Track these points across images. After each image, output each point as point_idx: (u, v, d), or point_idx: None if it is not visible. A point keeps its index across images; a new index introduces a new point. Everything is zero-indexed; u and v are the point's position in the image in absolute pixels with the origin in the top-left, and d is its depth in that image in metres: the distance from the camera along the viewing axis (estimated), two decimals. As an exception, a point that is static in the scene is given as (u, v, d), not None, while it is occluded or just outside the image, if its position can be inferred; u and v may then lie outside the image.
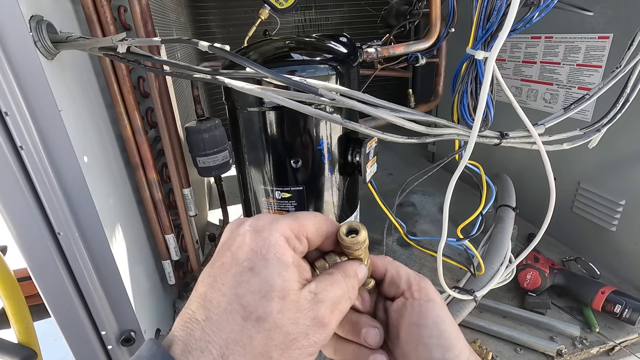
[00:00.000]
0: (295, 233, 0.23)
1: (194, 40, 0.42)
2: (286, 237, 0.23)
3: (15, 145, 0.34)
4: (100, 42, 0.44)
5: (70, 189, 0.37)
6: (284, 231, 0.23)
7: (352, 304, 0.25)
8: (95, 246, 0.40)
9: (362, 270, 0.26)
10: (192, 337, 0.20)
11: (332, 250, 0.27)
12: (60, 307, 0.41)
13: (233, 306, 0.21)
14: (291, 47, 0.55)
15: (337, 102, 0.41)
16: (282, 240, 0.22)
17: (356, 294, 0.25)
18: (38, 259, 0.38)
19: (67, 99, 0.45)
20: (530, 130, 0.53)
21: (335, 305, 0.23)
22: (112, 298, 0.44)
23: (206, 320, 0.20)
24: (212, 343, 0.20)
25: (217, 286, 0.21)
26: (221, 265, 0.22)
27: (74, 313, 0.41)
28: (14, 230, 0.36)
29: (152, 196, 0.67)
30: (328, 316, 0.22)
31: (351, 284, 0.25)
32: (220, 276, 0.22)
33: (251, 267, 0.21)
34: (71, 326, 0.42)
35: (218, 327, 0.20)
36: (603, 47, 0.82)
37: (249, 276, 0.21)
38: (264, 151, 0.56)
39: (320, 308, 0.22)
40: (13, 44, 0.33)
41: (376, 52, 0.63)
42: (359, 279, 0.26)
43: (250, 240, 0.22)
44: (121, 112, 0.60)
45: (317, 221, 0.25)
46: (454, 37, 0.84)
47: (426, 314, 0.25)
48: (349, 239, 0.25)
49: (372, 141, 0.58)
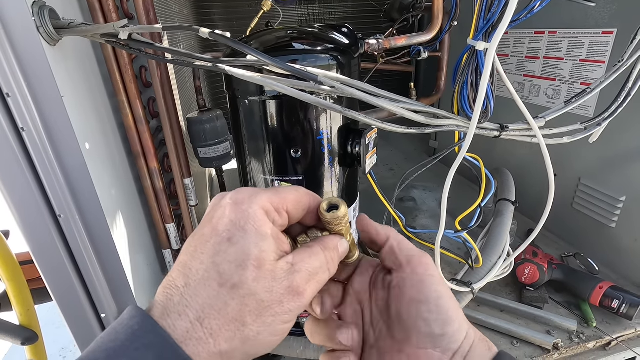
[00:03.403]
0: (275, 206, 0.24)
1: (195, 27, 0.42)
2: (266, 209, 0.24)
3: (17, 127, 0.34)
4: (102, 29, 0.44)
5: (71, 172, 0.37)
6: (263, 204, 0.23)
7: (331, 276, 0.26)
8: (95, 229, 0.41)
9: (343, 244, 0.27)
10: (171, 301, 0.21)
11: (314, 225, 0.27)
12: (61, 288, 0.41)
13: (210, 274, 0.22)
14: (292, 37, 0.55)
15: (337, 90, 0.41)
16: (261, 213, 0.23)
17: (335, 267, 0.26)
18: (39, 241, 0.38)
19: (69, 85, 0.45)
20: (531, 122, 0.53)
21: (312, 275, 0.24)
22: (112, 281, 0.45)
23: (185, 287, 0.22)
24: (190, 307, 0.21)
25: (196, 255, 0.22)
26: (201, 236, 0.23)
27: (74, 295, 0.42)
28: (15, 210, 0.36)
29: (154, 185, 0.68)
30: (303, 285, 0.23)
31: (330, 256, 0.25)
32: (200, 246, 0.23)
33: (229, 237, 0.22)
34: (72, 308, 0.43)
35: (195, 293, 0.21)
36: (607, 43, 0.82)
37: (226, 246, 0.22)
38: (264, 141, 0.57)
39: (296, 277, 0.23)
40: (15, 27, 0.33)
41: (377, 44, 0.62)
42: (339, 252, 0.26)
43: (230, 212, 0.23)
44: (123, 101, 0.60)
45: (298, 195, 0.26)
46: (456, 32, 0.83)
47: (425, 289, 0.25)
48: (329, 214, 0.25)
49: (372, 132, 0.58)
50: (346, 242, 0.27)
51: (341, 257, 0.27)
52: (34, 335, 0.49)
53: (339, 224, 0.26)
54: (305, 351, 0.64)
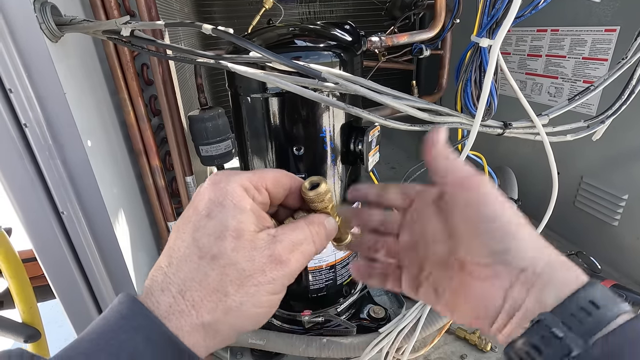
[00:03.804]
0: (254, 184, 0.25)
1: (197, 23, 0.42)
2: (244, 187, 0.24)
3: (20, 123, 0.34)
4: (103, 25, 0.44)
5: (73, 168, 0.37)
6: (241, 182, 0.24)
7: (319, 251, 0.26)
8: (98, 226, 0.41)
9: (330, 221, 0.27)
10: (155, 281, 0.22)
11: (299, 208, 0.28)
12: (64, 285, 0.41)
13: (191, 249, 0.22)
14: (295, 34, 0.55)
15: (340, 87, 0.41)
16: (240, 189, 0.24)
17: (323, 243, 0.26)
18: (42, 237, 0.38)
19: (71, 82, 0.45)
20: (534, 120, 0.52)
21: (296, 245, 0.24)
22: (115, 278, 0.44)
23: (168, 266, 0.22)
24: (172, 283, 0.22)
25: (179, 235, 0.23)
26: (183, 217, 0.24)
27: (77, 292, 0.42)
28: (17, 207, 0.36)
29: (155, 183, 0.68)
30: (286, 254, 0.23)
31: (315, 230, 0.25)
32: (182, 226, 0.23)
33: (208, 213, 0.23)
34: (74, 305, 0.43)
35: (177, 269, 0.22)
36: (609, 40, 0.81)
37: (205, 221, 0.23)
38: (266, 138, 0.56)
39: (278, 246, 0.23)
40: (18, 23, 0.33)
41: (380, 41, 0.62)
42: (327, 229, 0.26)
43: (209, 192, 0.23)
44: (125, 99, 0.60)
45: (277, 174, 0.26)
46: (459, 30, 0.83)
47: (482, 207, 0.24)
48: (311, 192, 0.26)
49: (375, 130, 0.58)
50: (333, 220, 0.27)
51: (330, 234, 0.27)
52: (36, 333, 0.49)
53: (322, 201, 0.26)
54: (308, 349, 0.64)
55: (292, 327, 0.71)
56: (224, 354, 0.70)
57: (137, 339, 0.20)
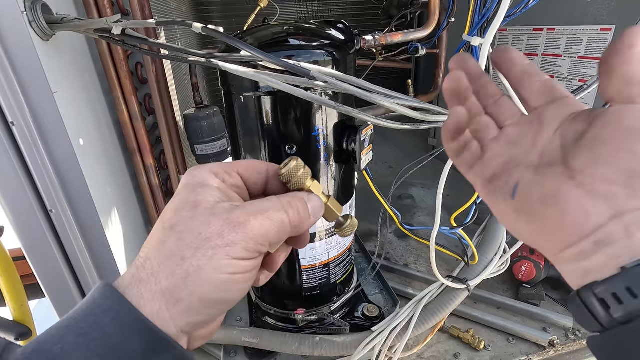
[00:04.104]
0: (224, 169, 0.26)
1: (188, 22, 0.42)
2: (213, 171, 0.25)
3: (7, 121, 0.34)
4: (95, 24, 0.44)
5: (61, 166, 0.37)
6: (211, 168, 0.25)
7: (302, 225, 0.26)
8: (87, 224, 0.41)
9: (313, 198, 0.27)
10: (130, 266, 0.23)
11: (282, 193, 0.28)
12: (54, 284, 0.41)
13: (157, 225, 0.24)
14: (288, 33, 0.55)
15: (330, 85, 0.41)
16: (208, 172, 0.25)
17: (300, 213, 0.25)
18: (31, 236, 0.38)
19: (63, 81, 0.45)
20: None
21: (260, 211, 0.24)
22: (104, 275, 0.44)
23: (142, 249, 0.23)
24: (139, 258, 0.23)
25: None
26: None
27: (67, 290, 0.42)
28: (5, 205, 0.36)
29: (150, 182, 0.68)
30: (245, 216, 0.23)
31: (287, 200, 0.25)
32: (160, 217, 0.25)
33: (176, 194, 0.24)
34: (64, 304, 0.43)
35: (145, 246, 0.23)
36: (605, 39, 0.81)
37: (172, 201, 0.24)
38: (259, 137, 0.56)
39: (237, 211, 0.23)
40: (5, 21, 0.33)
41: (374, 40, 0.62)
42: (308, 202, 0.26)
43: (183, 179, 0.25)
44: (118, 97, 0.60)
45: (250, 161, 0.28)
46: (455, 29, 0.83)
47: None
48: (283, 169, 0.26)
49: (368, 129, 0.58)
50: (316, 196, 0.27)
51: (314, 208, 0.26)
52: (27, 331, 0.49)
53: (297, 178, 0.27)
54: (301, 347, 0.64)
55: (286, 326, 0.71)
56: (217, 352, 0.70)
57: (105, 320, 0.20)
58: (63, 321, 0.21)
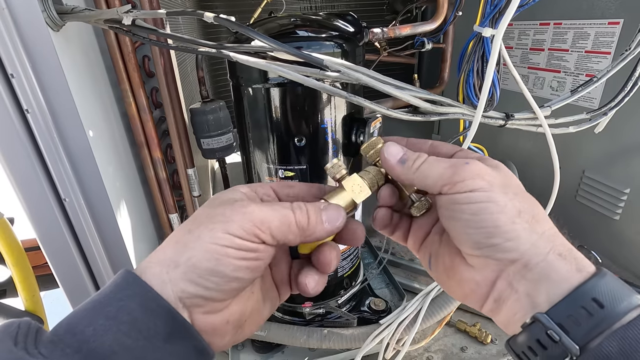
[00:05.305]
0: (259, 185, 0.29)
1: (199, 11, 0.42)
2: (248, 185, 0.28)
3: (22, 108, 0.34)
4: (105, 14, 0.44)
5: (75, 155, 0.37)
6: (242, 189, 0.28)
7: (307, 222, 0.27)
8: (100, 213, 0.41)
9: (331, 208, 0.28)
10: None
11: None
12: (67, 273, 0.41)
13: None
14: (296, 24, 0.55)
15: (342, 75, 0.41)
16: (242, 185, 0.28)
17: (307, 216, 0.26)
18: (44, 225, 0.39)
19: (73, 72, 0.45)
20: (536, 111, 0.52)
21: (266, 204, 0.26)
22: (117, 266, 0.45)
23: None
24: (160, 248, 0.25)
25: None
26: None
27: (80, 280, 0.42)
28: (20, 193, 0.36)
29: (157, 175, 0.68)
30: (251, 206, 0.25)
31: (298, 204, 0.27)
32: None
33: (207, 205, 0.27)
34: (77, 293, 0.43)
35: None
36: (613, 33, 0.81)
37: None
38: (267, 129, 0.56)
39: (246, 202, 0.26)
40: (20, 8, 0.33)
41: (382, 32, 0.62)
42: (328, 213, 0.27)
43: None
44: (126, 90, 0.60)
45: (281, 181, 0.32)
46: (461, 24, 0.83)
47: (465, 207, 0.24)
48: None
49: (377, 121, 0.58)
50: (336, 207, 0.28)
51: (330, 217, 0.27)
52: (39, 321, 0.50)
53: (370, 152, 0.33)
54: (309, 340, 0.64)
55: (293, 319, 0.71)
56: (226, 345, 0.70)
57: (132, 305, 0.21)
58: (87, 304, 0.21)
